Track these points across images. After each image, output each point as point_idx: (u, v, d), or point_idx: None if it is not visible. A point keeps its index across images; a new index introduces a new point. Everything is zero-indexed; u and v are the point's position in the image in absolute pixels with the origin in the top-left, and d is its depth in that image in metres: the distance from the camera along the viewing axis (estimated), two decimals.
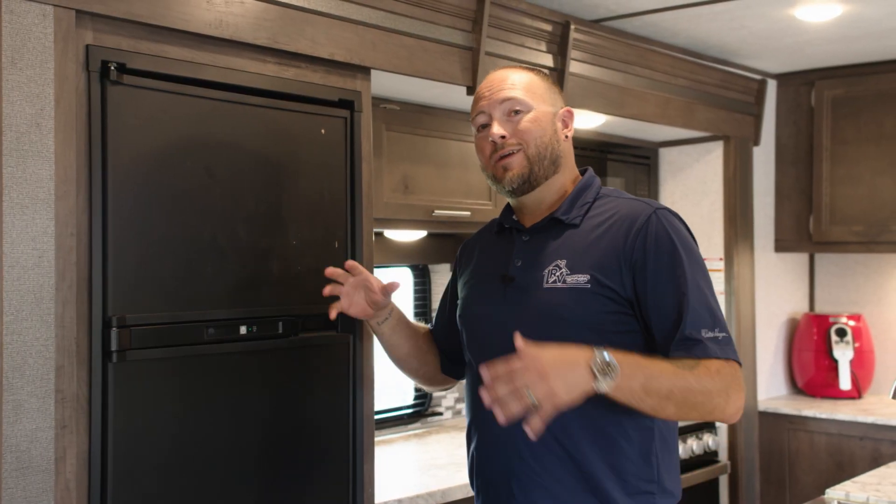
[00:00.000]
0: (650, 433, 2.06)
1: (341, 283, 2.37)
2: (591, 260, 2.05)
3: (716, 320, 1.99)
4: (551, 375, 1.75)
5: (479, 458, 2.18)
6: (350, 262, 2.38)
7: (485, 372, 1.79)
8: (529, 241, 2.17)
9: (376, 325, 2.40)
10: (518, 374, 1.75)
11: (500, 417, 1.77)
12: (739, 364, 1.99)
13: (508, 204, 2.28)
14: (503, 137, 2.13)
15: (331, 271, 2.38)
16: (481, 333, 2.19)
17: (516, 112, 2.14)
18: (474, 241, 2.38)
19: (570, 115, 2.23)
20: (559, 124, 2.19)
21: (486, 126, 2.18)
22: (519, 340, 1.79)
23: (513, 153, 2.13)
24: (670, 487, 2.10)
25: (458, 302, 2.32)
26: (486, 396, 1.78)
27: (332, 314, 2.38)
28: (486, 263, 2.26)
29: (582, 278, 2.04)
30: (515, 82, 2.17)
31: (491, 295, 2.18)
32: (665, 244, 2.02)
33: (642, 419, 2.04)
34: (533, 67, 2.25)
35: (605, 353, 1.80)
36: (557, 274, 2.07)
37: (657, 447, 2.07)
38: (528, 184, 2.15)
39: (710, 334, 1.97)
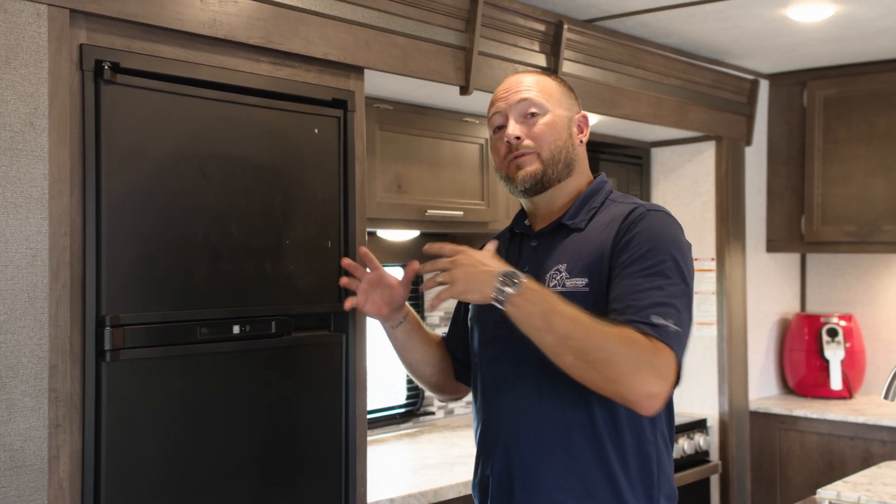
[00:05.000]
0: (652, 439, 2.06)
1: (357, 278, 2.38)
2: (587, 262, 2.05)
3: (670, 313, 1.92)
4: (460, 269, 1.94)
5: (484, 460, 2.19)
6: (363, 250, 2.41)
7: (428, 246, 2.04)
8: (536, 247, 2.18)
9: (391, 328, 2.36)
10: (442, 261, 1.97)
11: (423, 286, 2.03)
12: (677, 359, 1.91)
13: (522, 209, 2.28)
14: (518, 138, 2.13)
15: (347, 263, 2.41)
16: (490, 337, 2.19)
17: (532, 114, 2.15)
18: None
19: (586, 120, 2.23)
20: (574, 129, 2.20)
21: (501, 127, 2.19)
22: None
23: (526, 154, 2.14)
24: (669, 493, 2.10)
25: (471, 305, 2.31)
26: (407, 268, 2.15)
27: (347, 306, 2.35)
28: None
29: (580, 282, 2.04)
30: (532, 84, 2.18)
31: None
32: (645, 238, 2.01)
33: (643, 427, 2.04)
34: (550, 72, 2.26)
35: (521, 274, 1.93)
36: (558, 278, 2.07)
37: (656, 454, 2.07)
38: (541, 184, 2.15)
39: (661, 321, 1.91)
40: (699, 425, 4.58)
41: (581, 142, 2.21)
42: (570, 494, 2.04)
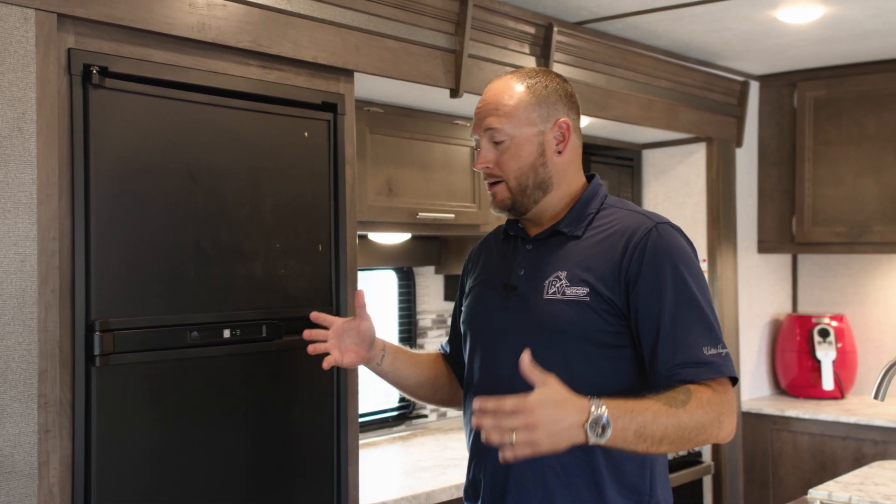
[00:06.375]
0: None
1: (321, 340, 2.26)
2: (590, 273, 2.03)
3: (716, 336, 1.98)
4: (539, 429, 1.75)
5: (475, 463, 2.19)
6: (314, 314, 2.29)
7: (476, 402, 1.79)
8: (532, 251, 2.15)
9: (376, 366, 2.30)
10: (506, 417, 1.75)
11: (483, 437, 1.79)
12: (736, 380, 1.99)
13: None
14: (487, 167, 2.11)
15: (309, 333, 2.26)
16: (482, 340, 2.18)
17: (498, 142, 2.10)
18: (479, 249, 2.35)
19: (567, 126, 2.13)
20: (550, 142, 2.12)
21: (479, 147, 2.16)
22: (525, 364, 1.81)
23: (496, 182, 2.12)
24: (663, 497, 2.10)
25: (463, 308, 2.30)
26: (473, 420, 1.79)
27: (325, 365, 2.21)
28: (490, 271, 2.24)
29: (581, 291, 2.02)
30: (500, 106, 2.10)
31: (493, 302, 2.16)
32: (662, 260, 2.00)
33: None
34: (537, 71, 2.17)
35: (602, 413, 1.79)
36: (557, 286, 2.05)
37: (650, 460, 2.07)
38: (515, 210, 2.13)
39: (713, 351, 1.96)
40: None
41: (559, 153, 2.13)
42: (563, 500, 2.04)
